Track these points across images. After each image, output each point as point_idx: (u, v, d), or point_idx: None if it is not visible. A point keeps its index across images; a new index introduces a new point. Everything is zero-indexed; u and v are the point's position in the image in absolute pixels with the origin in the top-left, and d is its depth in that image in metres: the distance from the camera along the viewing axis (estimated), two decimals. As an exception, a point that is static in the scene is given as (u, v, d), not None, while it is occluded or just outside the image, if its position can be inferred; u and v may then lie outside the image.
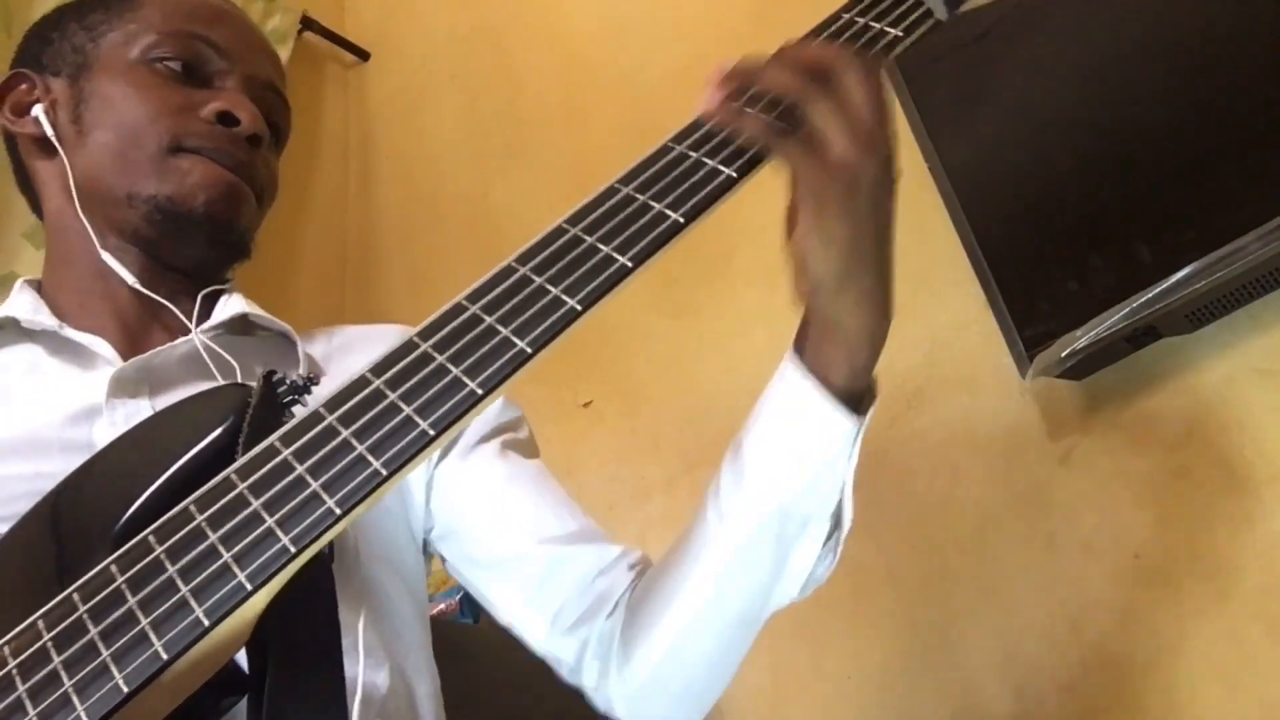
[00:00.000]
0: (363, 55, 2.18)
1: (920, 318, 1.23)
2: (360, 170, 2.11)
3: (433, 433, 0.49)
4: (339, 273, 2.02)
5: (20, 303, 0.80)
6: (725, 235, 1.36)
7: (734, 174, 0.57)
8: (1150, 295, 0.97)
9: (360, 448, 0.49)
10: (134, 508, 0.53)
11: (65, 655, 0.47)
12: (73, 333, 0.77)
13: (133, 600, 0.48)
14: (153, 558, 0.49)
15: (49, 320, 0.78)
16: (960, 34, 1.15)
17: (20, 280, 0.83)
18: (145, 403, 0.73)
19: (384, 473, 0.49)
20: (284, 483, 0.49)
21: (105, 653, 0.47)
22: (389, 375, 0.52)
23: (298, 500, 0.49)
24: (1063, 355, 1.02)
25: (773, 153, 0.58)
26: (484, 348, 0.51)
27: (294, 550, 0.47)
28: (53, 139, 0.80)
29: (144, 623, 0.47)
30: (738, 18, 1.53)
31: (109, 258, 0.79)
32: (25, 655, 0.48)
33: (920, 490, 1.20)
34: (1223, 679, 0.97)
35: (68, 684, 0.46)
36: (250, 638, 0.50)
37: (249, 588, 0.47)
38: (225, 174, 0.79)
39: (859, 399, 0.63)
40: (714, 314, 1.44)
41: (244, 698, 0.52)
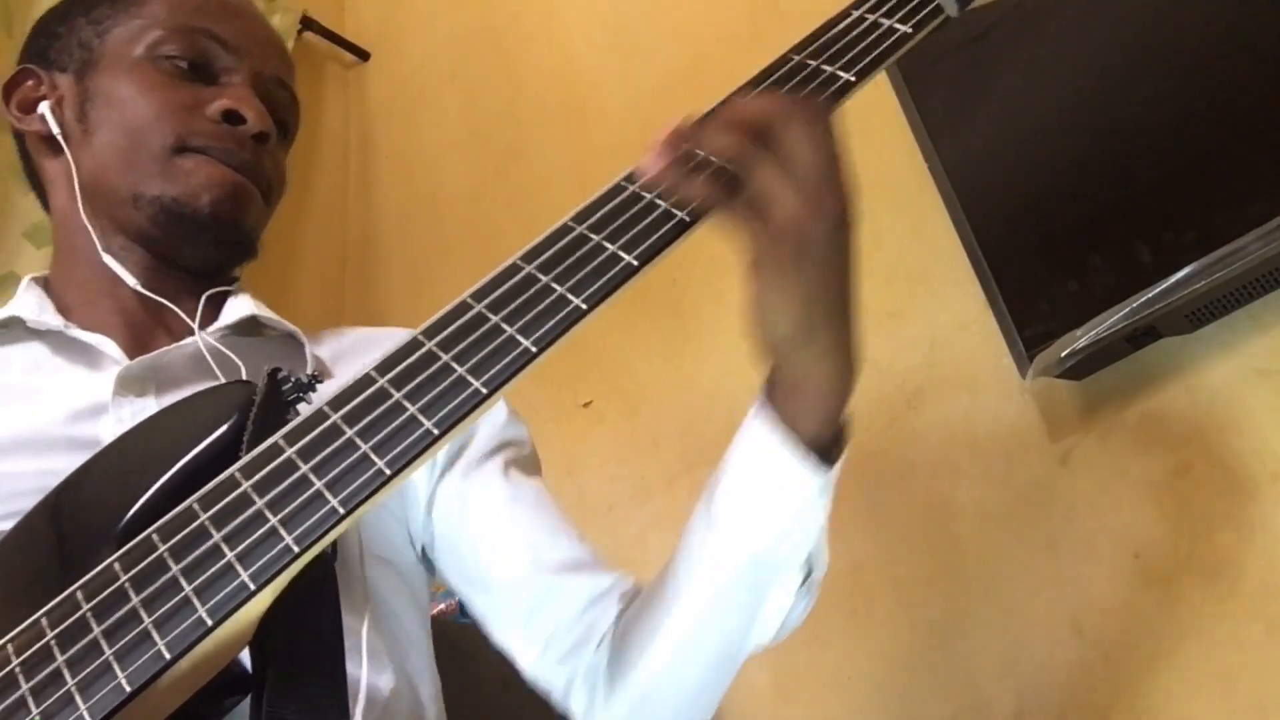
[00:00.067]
0: (363, 55, 2.18)
1: (920, 318, 1.23)
2: (360, 170, 2.10)
3: (437, 432, 0.49)
4: (339, 273, 2.02)
5: (26, 301, 0.80)
6: (726, 235, 1.36)
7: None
8: (1150, 295, 0.97)
9: (364, 447, 0.49)
10: (137, 506, 0.53)
11: (68, 654, 0.47)
12: (78, 332, 0.77)
13: (136, 599, 0.48)
14: (156, 556, 0.49)
15: (54, 320, 0.78)
16: (960, 34, 1.15)
17: (27, 278, 0.83)
18: (151, 401, 0.73)
19: (388, 472, 0.48)
20: (288, 482, 0.49)
21: (108, 651, 0.47)
22: (393, 374, 0.52)
23: (301, 499, 0.49)
24: (1063, 355, 1.02)
25: (717, 216, 0.56)
26: (489, 346, 0.51)
27: (297, 550, 0.47)
28: (58, 137, 0.80)
29: (147, 622, 0.47)
30: (738, 18, 1.52)
31: (110, 260, 0.78)
32: (28, 653, 0.48)
33: (920, 490, 1.20)
34: (1223, 679, 0.97)
35: (70, 683, 0.46)
36: (253, 638, 0.50)
37: (252, 587, 0.47)
38: (230, 174, 0.79)
39: (829, 446, 0.62)
40: (714, 314, 1.44)
41: (246, 698, 0.52)
